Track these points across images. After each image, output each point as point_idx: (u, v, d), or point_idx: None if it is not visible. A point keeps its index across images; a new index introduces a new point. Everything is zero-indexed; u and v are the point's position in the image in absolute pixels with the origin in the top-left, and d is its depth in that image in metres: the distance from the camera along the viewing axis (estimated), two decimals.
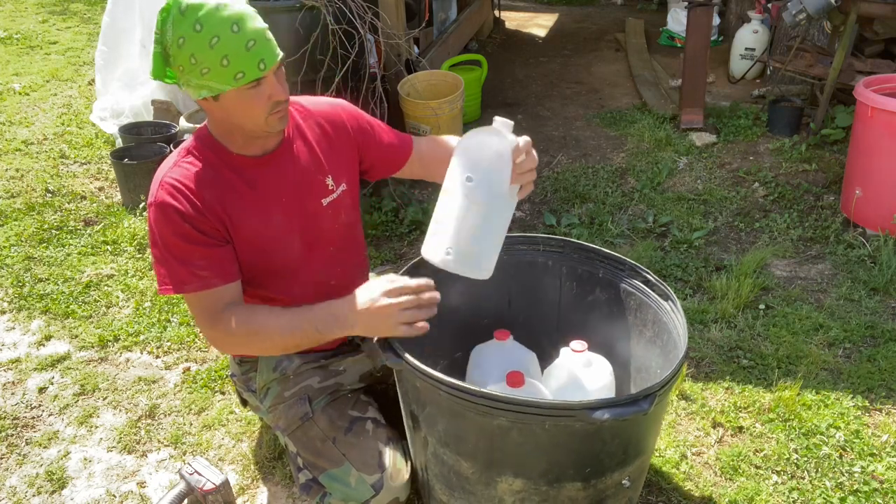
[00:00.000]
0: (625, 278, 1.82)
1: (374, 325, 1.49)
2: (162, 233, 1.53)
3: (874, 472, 1.93)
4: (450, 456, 1.53)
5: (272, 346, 1.60)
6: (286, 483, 1.95)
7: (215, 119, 1.57)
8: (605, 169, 3.73)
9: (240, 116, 1.51)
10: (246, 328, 1.54)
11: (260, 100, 1.47)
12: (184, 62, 1.42)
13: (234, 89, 1.44)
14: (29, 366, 2.44)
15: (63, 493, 1.96)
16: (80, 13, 7.00)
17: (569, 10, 7.16)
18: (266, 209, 1.61)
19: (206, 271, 1.53)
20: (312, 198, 1.68)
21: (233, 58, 1.41)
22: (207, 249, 1.54)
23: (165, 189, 1.53)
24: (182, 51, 1.41)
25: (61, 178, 3.70)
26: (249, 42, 1.42)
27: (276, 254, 1.65)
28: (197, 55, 1.41)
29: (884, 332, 2.46)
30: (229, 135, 1.58)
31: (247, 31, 1.42)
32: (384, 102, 3.26)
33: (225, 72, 1.42)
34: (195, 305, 1.57)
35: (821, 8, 3.48)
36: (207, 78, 1.43)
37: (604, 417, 1.32)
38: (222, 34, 1.40)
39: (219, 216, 1.55)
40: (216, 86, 1.44)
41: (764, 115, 4.13)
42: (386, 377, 1.88)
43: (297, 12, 2.94)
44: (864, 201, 2.95)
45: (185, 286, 1.53)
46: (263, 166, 1.61)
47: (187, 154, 1.58)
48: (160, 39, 1.44)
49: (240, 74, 1.42)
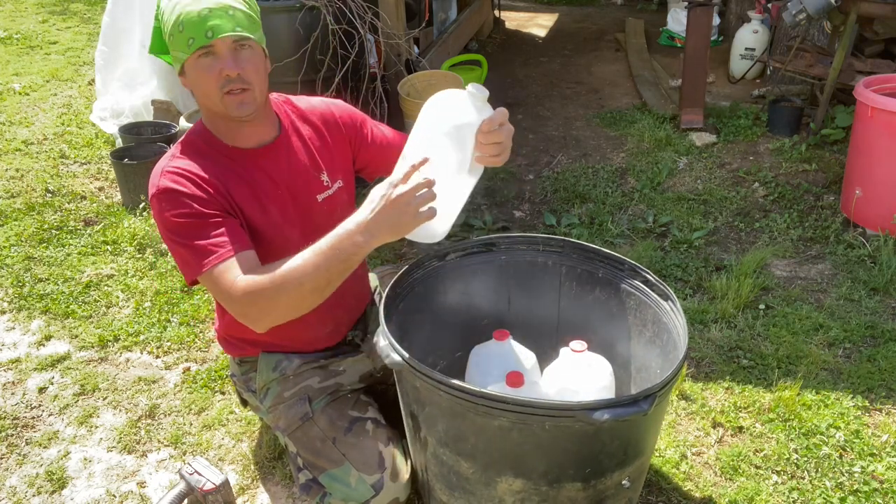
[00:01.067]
0: (624, 278, 1.82)
1: (397, 220, 1.39)
2: (169, 219, 1.50)
3: (874, 472, 1.93)
4: (450, 456, 1.53)
5: (304, 292, 1.46)
6: (286, 483, 1.95)
7: (198, 103, 1.62)
8: (605, 169, 3.73)
9: (199, 92, 1.55)
10: (271, 281, 1.44)
11: (212, 73, 1.50)
12: (159, 31, 1.55)
13: (190, 58, 1.49)
14: (29, 366, 2.44)
15: (63, 493, 1.96)
16: (80, 13, 7.00)
17: (569, 10, 7.16)
18: (262, 200, 1.62)
19: (222, 238, 1.48)
20: (307, 193, 1.69)
21: (186, 24, 1.47)
22: (217, 220, 1.51)
23: (167, 177, 1.52)
24: (161, 22, 1.53)
25: (61, 178, 3.70)
26: (203, 10, 1.47)
27: (275, 243, 1.63)
28: (166, 23, 1.50)
29: (884, 332, 2.46)
30: (213, 124, 1.60)
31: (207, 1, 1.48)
32: (384, 102, 3.26)
33: (181, 38, 1.48)
34: (218, 282, 1.48)
35: (821, 8, 3.48)
36: (172, 46, 1.51)
37: (603, 418, 1.32)
38: (183, 1, 1.48)
39: (223, 194, 1.55)
40: (178, 54, 1.51)
41: (764, 115, 4.13)
42: (386, 377, 1.88)
43: (297, 12, 2.94)
44: (864, 201, 2.95)
45: (205, 262, 1.47)
46: (258, 158, 1.63)
47: (184, 147, 1.60)
48: (157, 14, 1.55)
49: (191, 40, 1.47)
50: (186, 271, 1.53)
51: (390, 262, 2.92)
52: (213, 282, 1.49)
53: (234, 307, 1.50)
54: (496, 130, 1.46)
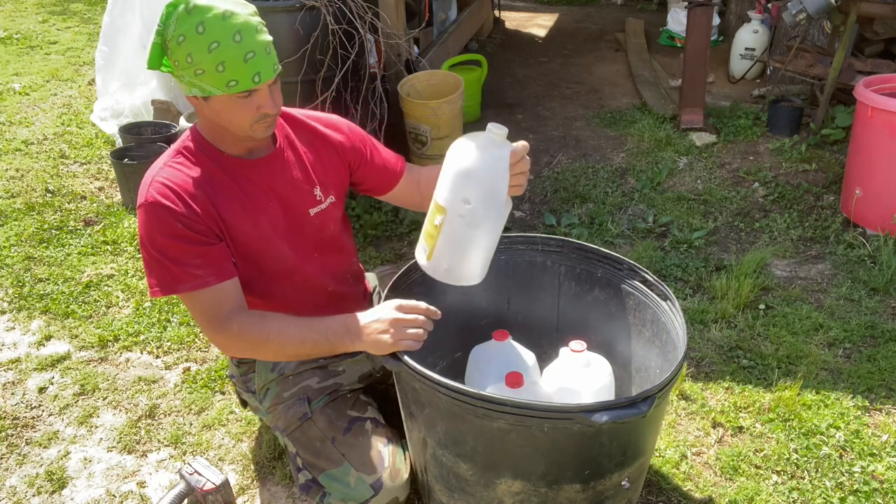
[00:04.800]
0: (623, 278, 1.82)
1: (380, 337, 1.49)
2: (152, 234, 1.52)
3: (874, 472, 1.93)
4: (449, 457, 1.53)
5: (281, 354, 1.62)
6: (286, 483, 1.95)
7: (204, 117, 1.58)
8: (605, 169, 3.73)
9: (225, 120, 1.52)
10: (256, 336, 1.56)
11: (249, 109, 1.49)
12: (180, 59, 1.44)
13: (225, 95, 1.46)
14: (29, 366, 2.44)
15: (63, 493, 1.96)
16: (80, 13, 7.00)
17: (569, 10, 7.16)
18: (254, 211, 1.62)
19: (202, 269, 1.53)
20: (300, 206, 1.69)
21: (229, 66, 1.42)
22: (201, 248, 1.53)
23: (157, 189, 1.52)
24: (181, 48, 1.43)
25: (61, 178, 3.70)
26: (248, 54, 1.43)
27: (265, 256, 1.66)
28: (194, 56, 1.42)
29: (884, 332, 2.46)
30: (218, 135, 1.59)
31: (248, 42, 1.43)
32: (384, 102, 3.26)
33: (219, 77, 1.43)
34: (195, 307, 1.57)
35: (821, 8, 3.48)
36: (201, 79, 1.45)
37: (602, 420, 1.32)
38: (223, 41, 1.41)
39: (211, 215, 1.55)
40: (208, 88, 1.46)
41: (764, 115, 4.13)
42: (385, 377, 1.89)
43: (297, 12, 2.94)
44: (864, 201, 2.95)
45: (179, 286, 1.53)
46: (253, 169, 1.63)
47: (177, 154, 1.59)
48: (161, 31, 1.45)
49: (233, 82, 1.44)
50: (153, 289, 1.55)
51: (390, 262, 2.92)
52: (189, 306, 1.58)
53: (208, 336, 1.61)
54: (521, 161, 1.48)
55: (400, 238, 3.13)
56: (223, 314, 1.56)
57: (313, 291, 1.76)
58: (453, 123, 3.55)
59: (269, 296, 1.71)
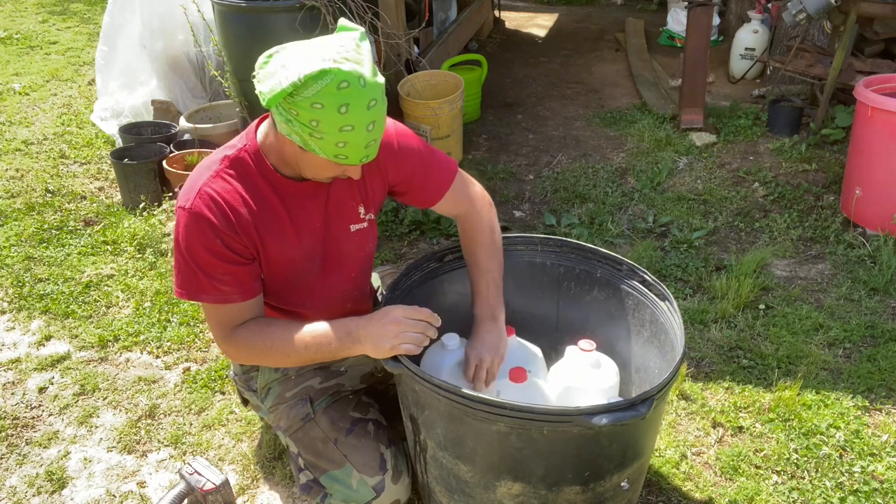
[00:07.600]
0: (622, 278, 1.82)
1: (381, 340, 1.49)
2: (190, 242, 1.51)
3: (874, 472, 1.93)
4: (449, 460, 1.53)
5: (286, 361, 1.62)
6: (286, 483, 1.95)
7: (281, 149, 1.52)
8: (605, 169, 3.72)
9: (306, 167, 1.50)
10: (262, 343, 1.56)
11: (336, 170, 1.49)
12: (304, 118, 1.36)
13: (327, 159, 1.43)
14: (29, 366, 2.44)
15: (63, 493, 1.96)
16: (80, 13, 7.00)
17: (569, 10, 7.15)
18: (298, 232, 1.61)
19: (229, 287, 1.53)
20: (343, 222, 1.68)
21: (350, 146, 1.40)
22: (233, 266, 1.53)
23: (204, 200, 1.50)
24: (312, 111, 1.35)
25: (61, 178, 3.70)
26: (371, 141, 1.42)
27: (297, 274, 1.66)
28: (323, 125, 1.36)
29: (884, 332, 2.46)
30: (284, 163, 1.55)
31: (375, 131, 1.42)
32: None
33: (334, 149, 1.40)
34: (212, 316, 1.58)
35: (821, 8, 3.47)
36: (314, 140, 1.39)
37: (602, 423, 1.32)
38: (358, 126, 1.37)
39: (251, 236, 1.54)
40: (315, 149, 1.41)
41: (764, 115, 4.13)
42: (387, 378, 1.88)
43: (297, 12, 2.94)
44: (864, 201, 2.95)
45: (202, 295, 1.54)
46: (304, 189, 1.60)
47: (230, 165, 1.54)
48: (297, 84, 1.32)
49: (343, 156, 1.42)
50: (179, 290, 1.56)
51: (390, 262, 2.92)
52: (206, 312, 1.61)
53: (217, 343, 1.63)
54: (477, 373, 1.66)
55: (400, 238, 3.13)
56: (235, 326, 1.58)
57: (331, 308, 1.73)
58: (453, 123, 3.55)
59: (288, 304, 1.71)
